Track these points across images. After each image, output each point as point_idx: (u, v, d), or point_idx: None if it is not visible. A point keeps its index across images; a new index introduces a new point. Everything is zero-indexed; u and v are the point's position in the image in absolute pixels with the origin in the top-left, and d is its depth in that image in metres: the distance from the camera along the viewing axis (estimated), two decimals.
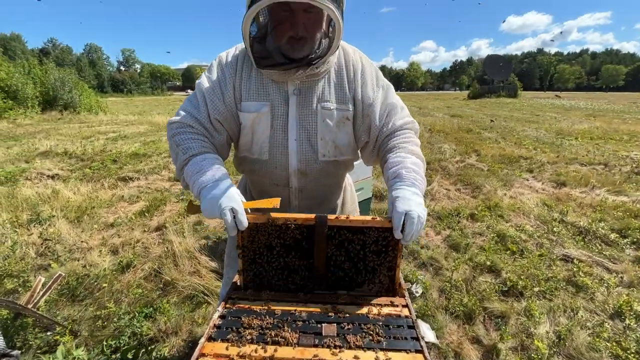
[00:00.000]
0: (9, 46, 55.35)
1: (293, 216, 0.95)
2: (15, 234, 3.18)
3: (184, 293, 2.38)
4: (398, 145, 1.09)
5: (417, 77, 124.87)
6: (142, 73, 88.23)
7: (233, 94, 1.10)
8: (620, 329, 2.11)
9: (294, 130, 1.11)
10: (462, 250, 3.09)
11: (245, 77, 1.10)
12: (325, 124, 1.11)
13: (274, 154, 1.13)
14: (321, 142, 1.13)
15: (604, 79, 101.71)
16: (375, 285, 1.02)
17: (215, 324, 0.88)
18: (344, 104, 1.13)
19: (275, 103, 1.10)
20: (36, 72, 16.08)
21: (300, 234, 0.97)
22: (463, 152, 7.12)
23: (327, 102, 1.11)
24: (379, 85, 1.16)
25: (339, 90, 1.13)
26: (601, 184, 4.91)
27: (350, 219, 0.95)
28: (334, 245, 0.98)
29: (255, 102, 1.09)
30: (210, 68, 1.13)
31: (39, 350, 1.82)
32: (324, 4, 0.88)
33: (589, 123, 12.21)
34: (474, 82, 49.19)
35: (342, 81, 1.13)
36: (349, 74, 1.14)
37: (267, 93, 1.09)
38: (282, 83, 1.09)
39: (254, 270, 1.02)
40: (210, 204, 0.91)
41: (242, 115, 1.11)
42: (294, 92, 1.09)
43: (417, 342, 0.83)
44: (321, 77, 1.10)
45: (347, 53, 1.16)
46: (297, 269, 1.02)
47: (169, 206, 4.11)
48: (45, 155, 6.60)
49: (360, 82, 1.13)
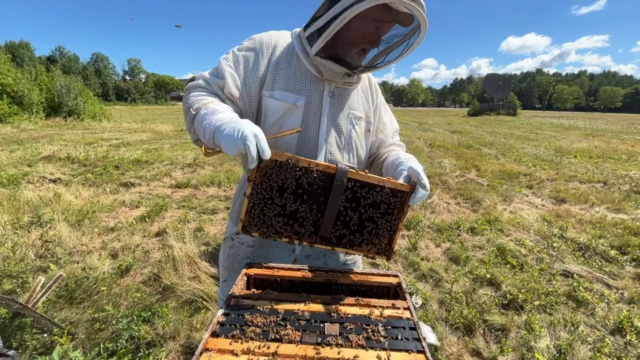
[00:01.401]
0: (17, 53, 56.26)
1: (315, 161, 0.93)
2: (16, 235, 3.18)
3: (182, 298, 2.37)
4: (394, 149, 1.22)
5: (418, 93, 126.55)
6: (146, 82, 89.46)
7: (260, 76, 1.06)
8: (621, 345, 2.10)
9: (325, 131, 1.11)
10: (462, 263, 3.09)
11: (284, 65, 1.07)
12: (354, 130, 1.16)
13: (301, 151, 1.11)
14: (347, 146, 1.16)
15: (602, 99, 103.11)
16: (374, 246, 1.05)
17: (219, 320, 0.89)
18: (369, 117, 1.21)
19: (312, 99, 1.08)
20: (43, 79, 16.33)
21: (318, 180, 0.95)
22: (463, 167, 7.17)
23: (356, 111, 1.16)
24: (386, 110, 1.30)
25: (365, 103, 1.20)
26: (600, 202, 4.93)
27: (368, 175, 0.95)
28: (346, 200, 0.99)
29: (291, 93, 1.07)
30: (240, 46, 1.10)
31: (35, 351, 1.81)
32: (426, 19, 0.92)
33: (587, 142, 12.33)
34: (473, 100, 49.83)
35: (368, 96, 1.21)
36: (372, 93, 1.23)
37: (305, 88, 1.08)
38: (319, 82, 1.09)
39: (259, 212, 0.99)
40: (229, 134, 0.82)
41: (273, 103, 1.07)
42: (329, 94, 1.11)
43: (418, 343, 0.84)
44: (353, 87, 1.15)
45: (369, 75, 1.25)
46: (304, 219, 1.00)
47: (169, 212, 4.12)
48: (48, 160, 6.63)
49: (380, 103, 1.25)
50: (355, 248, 1.05)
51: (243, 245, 1.31)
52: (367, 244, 1.04)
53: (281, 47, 1.09)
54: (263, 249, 1.31)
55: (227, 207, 4.32)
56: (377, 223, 1.01)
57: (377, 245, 1.05)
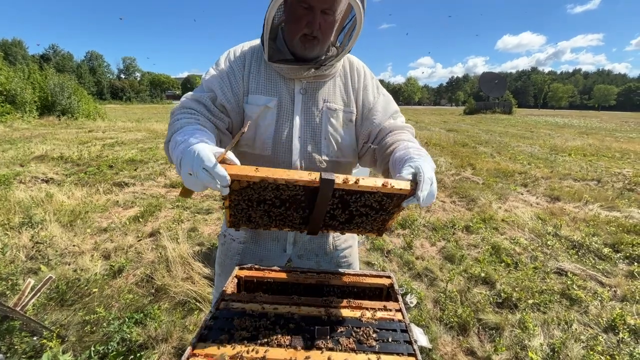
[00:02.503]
0: (9, 51, 55.56)
1: (293, 177, 0.82)
2: (6, 236, 3.13)
3: (175, 299, 2.35)
4: (402, 139, 1.08)
5: (414, 91, 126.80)
6: (142, 81, 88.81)
7: (241, 86, 1.10)
8: (614, 343, 2.11)
9: (298, 128, 1.12)
10: (456, 262, 3.09)
11: (255, 70, 1.11)
12: (330, 123, 1.14)
13: (277, 151, 1.13)
14: (325, 141, 1.14)
15: (596, 98, 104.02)
16: (366, 229, 1.03)
17: (208, 324, 0.87)
18: (349, 106, 1.17)
19: (283, 99, 1.10)
20: (36, 77, 16.13)
21: (301, 192, 0.88)
22: (458, 166, 7.19)
23: (332, 103, 1.14)
24: (379, 93, 1.21)
25: (344, 93, 1.17)
26: (594, 200, 4.97)
27: (359, 184, 0.84)
28: (334, 204, 0.92)
29: (263, 95, 1.09)
30: (217, 62, 1.13)
31: (24, 354, 1.78)
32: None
33: (582, 140, 12.43)
34: (469, 98, 50.06)
35: (347, 86, 1.17)
36: (353, 79, 1.18)
37: (276, 89, 1.10)
38: (290, 81, 1.11)
39: (243, 216, 0.96)
40: (186, 175, 0.78)
41: (248, 108, 1.10)
42: (300, 91, 1.11)
43: (409, 346, 0.83)
44: (328, 79, 1.14)
45: (352, 61, 1.21)
46: (290, 219, 0.99)
47: (163, 212, 4.08)
48: (40, 160, 6.55)
49: (362, 87, 1.19)
50: (345, 232, 1.04)
51: (235, 242, 1.32)
52: (357, 228, 1.02)
53: (252, 56, 1.12)
54: (255, 246, 1.31)
55: (222, 207, 4.29)
56: (369, 216, 0.97)
57: (368, 230, 1.03)
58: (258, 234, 1.32)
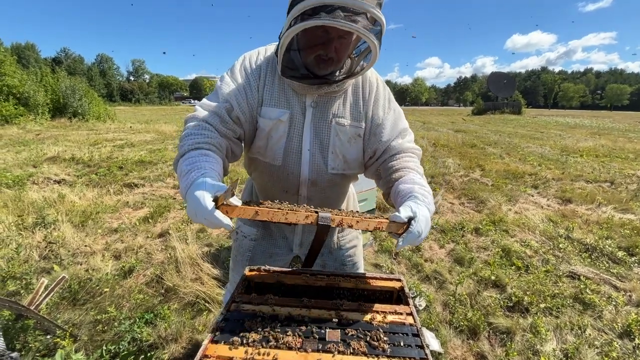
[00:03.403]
0: (23, 55, 56.84)
1: (291, 220, 0.87)
2: (20, 236, 3.19)
3: (185, 300, 2.37)
4: (409, 167, 1.11)
5: (422, 92, 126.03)
6: (150, 83, 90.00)
7: (256, 97, 1.11)
8: (630, 349, 2.06)
9: (308, 141, 1.13)
10: (466, 265, 3.05)
11: (269, 83, 1.12)
12: (337, 138, 1.14)
13: (287, 162, 1.15)
14: (332, 155, 1.16)
15: (608, 97, 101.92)
16: None
17: (219, 326, 0.88)
18: (358, 121, 1.16)
19: (294, 112, 1.12)
20: (48, 80, 16.47)
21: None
22: (467, 167, 7.12)
23: (341, 118, 1.14)
24: (390, 107, 1.20)
25: (353, 108, 1.16)
26: (607, 202, 4.87)
27: (357, 223, 0.90)
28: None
29: (276, 108, 1.11)
30: (233, 69, 1.13)
31: (38, 353, 1.81)
32: (371, 39, 0.90)
33: (594, 141, 12.19)
34: (478, 99, 49.56)
35: (358, 99, 1.16)
36: (364, 92, 1.17)
37: (288, 102, 1.11)
38: (301, 94, 1.12)
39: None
40: (193, 217, 0.83)
41: (262, 121, 1.12)
42: (311, 105, 1.12)
43: (421, 350, 0.82)
44: (339, 93, 1.13)
45: (365, 73, 1.18)
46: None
47: (172, 213, 4.12)
48: (52, 161, 6.68)
49: (373, 102, 1.17)
50: None
51: (246, 239, 1.39)
52: None
53: (267, 67, 1.13)
54: (265, 243, 1.38)
55: None
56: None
57: None
58: (268, 232, 1.38)
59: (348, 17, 0.86)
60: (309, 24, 0.87)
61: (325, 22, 0.85)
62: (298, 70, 1.04)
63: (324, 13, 0.86)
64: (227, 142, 1.06)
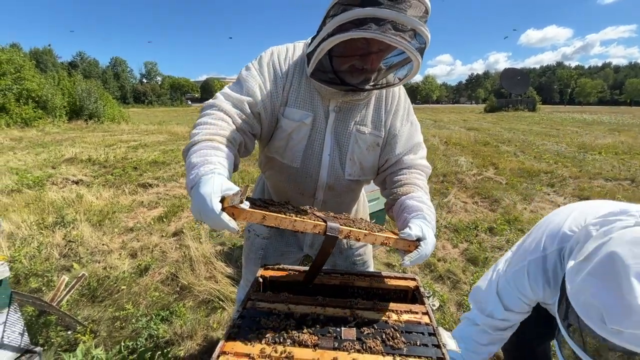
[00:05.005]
0: (41, 59, 58.59)
1: (298, 228, 0.85)
2: (41, 235, 3.30)
3: (199, 297, 2.41)
4: (417, 185, 1.10)
5: (432, 90, 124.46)
6: (162, 85, 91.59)
7: (281, 96, 1.08)
8: None
9: (329, 146, 1.13)
10: (480, 264, 3.01)
11: (296, 83, 1.09)
12: (357, 145, 1.14)
13: (306, 165, 1.15)
14: (349, 162, 1.16)
15: (628, 92, 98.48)
16: None
17: (236, 323, 0.89)
18: (378, 129, 1.16)
19: (318, 116, 1.11)
20: (65, 84, 16.98)
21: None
22: (480, 165, 7.00)
23: (362, 126, 1.14)
24: (408, 120, 1.20)
25: (375, 116, 1.16)
26: (628, 200, 4.71)
27: (362, 239, 0.89)
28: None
29: (300, 110, 1.09)
30: (260, 62, 1.09)
31: (59, 348, 1.87)
32: (416, 56, 0.88)
33: (613, 137, 11.82)
34: (490, 96, 48.70)
35: (380, 108, 1.16)
36: (387, 102, 1.17)
37: (313, 105, 1.10)
38: (326, 98, 1.10)
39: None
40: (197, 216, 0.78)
41: (284, 122, 1.09)
42: (334, 110, 1.11)
43: (438, 350, 0.81)
44: (363, 101, 1.13)
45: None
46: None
47: (186, 212, 4.19)
48: (70, 162, 6.88)
49: (394, 111, 1.17)
50: None
51: (258, 237, 1.41)
52: None
53: (295, 67, 1.10)
54: (276, 241, 1.40)
55: None
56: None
57: None
58: (280, 231, 1.39)
59: (397, 32, 0.83)
60: (358, 34, 0.83)
61: (377, 35, 0.82)
62: (327, 74, 1.00)
63: (374, 25, 0.82)
64: (242, 136, 1.01)
